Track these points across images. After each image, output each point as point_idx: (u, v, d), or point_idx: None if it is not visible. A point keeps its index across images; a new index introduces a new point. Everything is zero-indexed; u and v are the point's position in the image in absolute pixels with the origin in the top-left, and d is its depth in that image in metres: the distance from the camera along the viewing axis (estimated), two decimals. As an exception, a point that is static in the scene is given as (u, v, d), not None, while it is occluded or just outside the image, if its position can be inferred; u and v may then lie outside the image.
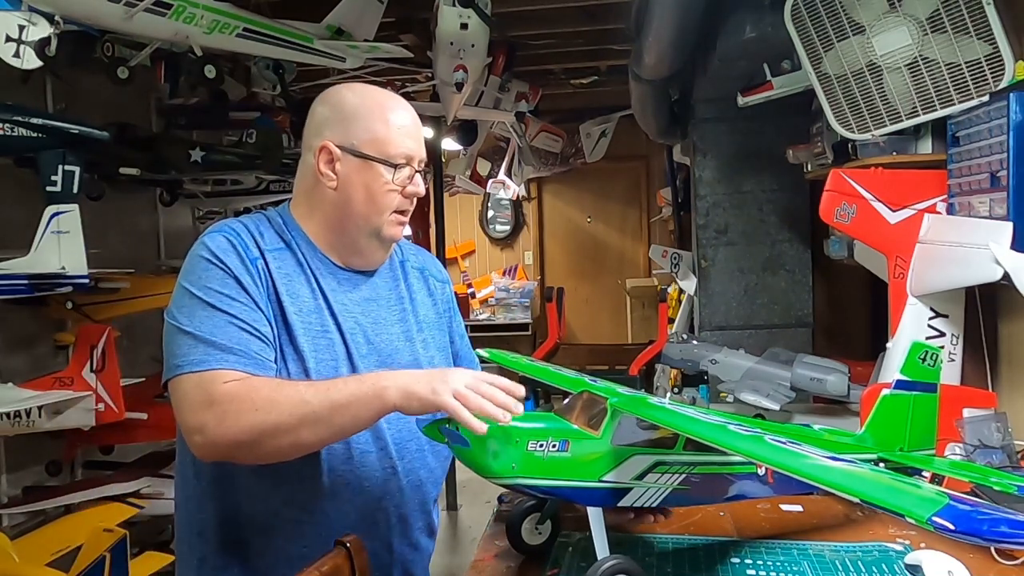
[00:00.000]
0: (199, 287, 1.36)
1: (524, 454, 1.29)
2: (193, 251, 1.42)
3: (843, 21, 2.38)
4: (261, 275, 1.40)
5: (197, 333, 1.32)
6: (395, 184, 1.45)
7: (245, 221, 1.47)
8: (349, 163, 1.44)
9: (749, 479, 1.46)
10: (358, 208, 1.45)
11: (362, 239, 1.48)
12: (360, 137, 1.44)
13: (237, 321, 1.33)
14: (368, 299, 1.51)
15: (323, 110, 1.49)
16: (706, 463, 1.40)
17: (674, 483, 1.37)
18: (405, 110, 1.49)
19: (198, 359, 1.30)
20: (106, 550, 2.47)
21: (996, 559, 1.42)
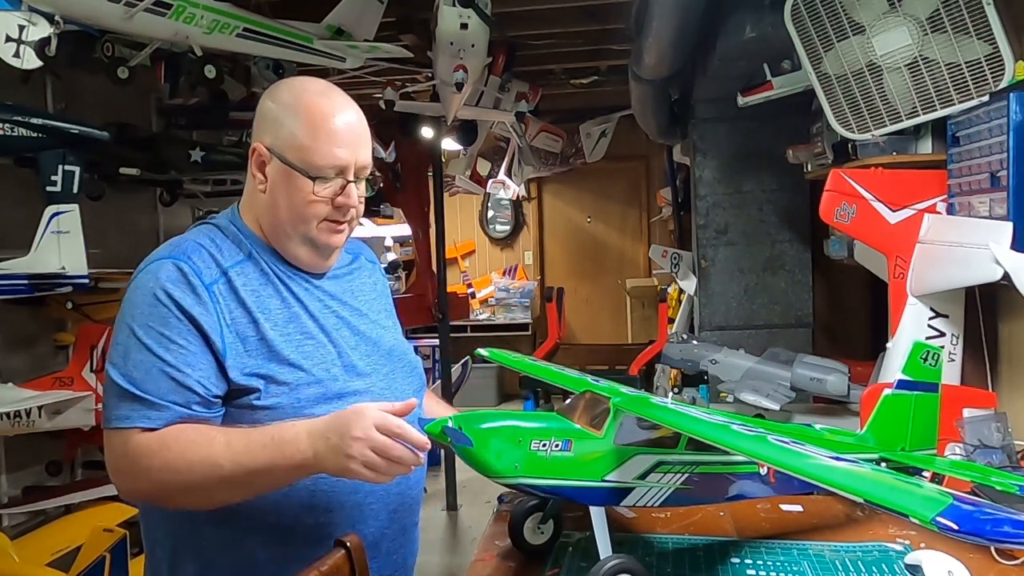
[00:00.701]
0: (140, 325, 1.28)
1: (527, 454, 1.29)
2: (140, 280, 1.32)
3: (843, 21, 2.38)
4: (221, 300, 1.32)
5: (126, 385, 1.26)
6: (318, 196, 1.35)
7: (199, 238, 1.38)
8: (275, 167, 1.36)
9: (751, 479, 1.46)
10: (283, 214, 1.38)
11: (295, 245, 1.40)
12: (286, 142, 1.35)
13: (170, 368, 1.26)
14: (339, 291, 1.47)
15: (262, 107, 1.40)
16: (708, 463, 1.40)
17: (676, 483, 1.37)
18: (342, 112, 1.37)
19: (123, 414, 1.26)
20: (106, 550, 2.47)
21: (996, 559, 1.42)
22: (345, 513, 1.38)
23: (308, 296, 1.41)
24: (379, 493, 1.41)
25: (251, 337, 1.32)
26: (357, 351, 1.43)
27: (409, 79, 4.86)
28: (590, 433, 1.34)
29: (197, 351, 1.28)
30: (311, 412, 1.31)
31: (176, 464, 1.23)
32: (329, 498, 1.36)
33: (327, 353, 1.38)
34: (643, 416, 1.35)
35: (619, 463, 1.33)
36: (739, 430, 1.33)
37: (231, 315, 1.32)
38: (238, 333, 1.31)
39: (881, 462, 1.58)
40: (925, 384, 1.67)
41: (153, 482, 1.25)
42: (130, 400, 1.26)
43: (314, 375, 1.35)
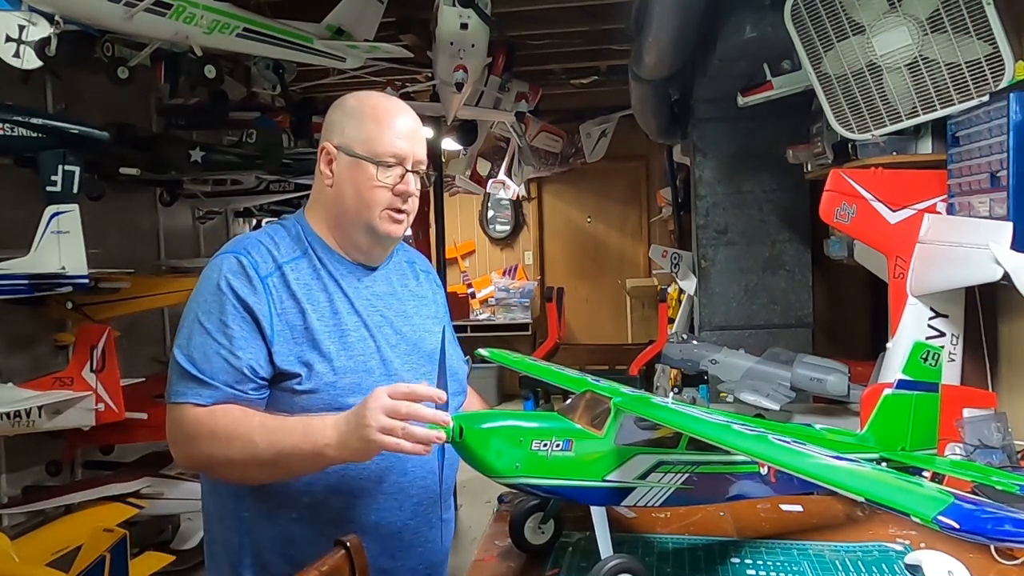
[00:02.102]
0: (203, 311, 1.44)
1: (528, 454, 1.29)
2: (206, 272, 1.48)
3: (843, 21, 2.38)
4: (274, 291, 1.45)
5: (186, 365, 1.41)
6: (381, 182, 1.49)
7: (261, 236, 1.53)
8: (342, 161, 1.51)
9: (752, 479, 1.46)
10: (349, 203, 1.51)
11: (358, 235, 1.53)
12: (353, 137, 1.50)
13: (224, 351, 1.40)
14: (388, 293, 1.58)
15: (331, 114, 1.56)
16: (709, 463, 1.40)
17: (677, 483, 1.37)
18: (403, 113, 1.55)
19: (181, 390, 1.41)
20: (106, 550, 2.47)
21: (996, 559, 1.42)
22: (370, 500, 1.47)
23: (356, 293, 1.52)
24: (403, 484, 1.49)
25: (298, 326, 1.45)
26: (396, 350, 1.52)
27: (409, 79, 4.87)
28: (591, 433, 1.34)
29: (250, 336, 1.42)
30: (346, 401, 1.39)
31: (219, 438, 1.37)
32: (355, 483, 1.45)
33: (367, 347, 1.48)
34: (644, 416, 1.35)
35: (620, 463, 1.33)
36: (740, 430, 1.33)
37: (282, 305, 1.45)
38: (287, 322, 1.44)
39: (882, 462, 1.58)
40: (925, 384, 1.67)
41: (200, 453, 1.40)
42: (188, 379, 1.40)
43: (352, 367, 1.45)
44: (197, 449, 1.41)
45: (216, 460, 1.40)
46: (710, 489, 1.44)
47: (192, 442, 1.41)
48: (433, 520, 1.56)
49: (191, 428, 1.40)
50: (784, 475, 1.46)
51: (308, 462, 1.35)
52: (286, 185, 4.80)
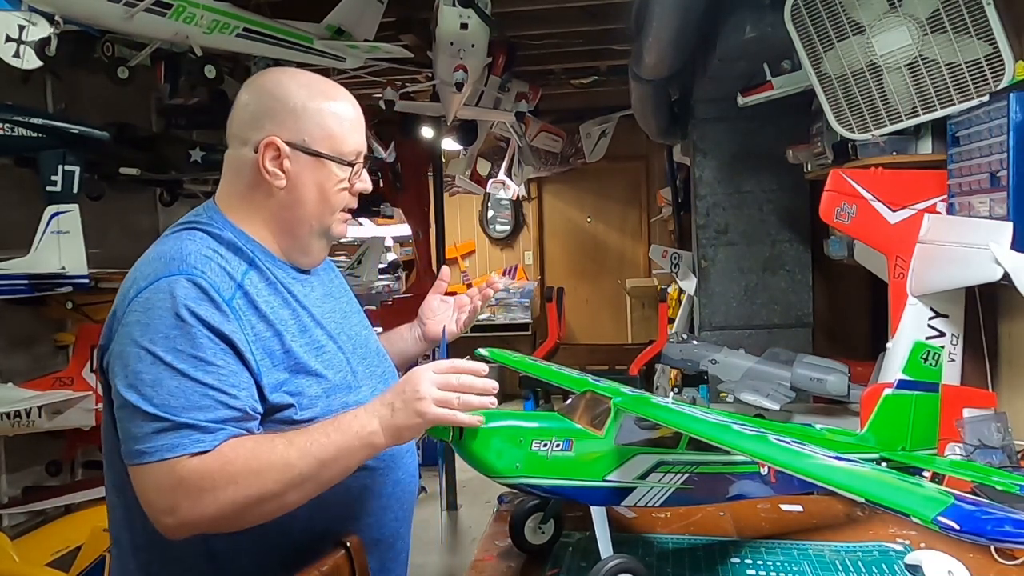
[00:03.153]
0: (166, 350, 1.16)
1: (528, 453, 1.29)
2: (151, 300, 1.20)
3: (843, 21, 2.38)
4: (243, 315, 1.24)
5: (166, 415, 1.15)
6: (349, 182, 1.38)
7: (200, 248, 1.28)
8: (300, 161, 1.33)
9: (752, 479, 1.47)
10: (309, 207, 1.36)
11: (312, 239, 1.39)
12: (312, 134, 1.33)
13: (215, 392, 1.17)
14: (327, 295, 1.45)
15: (260, 101, 1.35)
16: (709, 463, 1.40)
17: (677, 483, 1.38)
18: (350, 101, 1.41)
19: (169, 444, 1.14)
20: (106, 550, 2.47)
21: (996, 559, 1.42)
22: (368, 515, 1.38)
23: (309, 301, 1.37)
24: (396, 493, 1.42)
25: (276, 351, 1.27)
26: (355, 355, 1.41)
27: (409, 79, 4.86)
28: (591, 433, 1.34)
29: (237, 369, 1.21)
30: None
31: (244, 476, 1.16)
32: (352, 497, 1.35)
33: (339, 359, 1.37)
34: (644, 416, 1.35)
35: (620, 463, 1.34)
36: (740, 430, 1.33)
37: (254, 330, 1.25)
38: (264, 348, 1.25)
39: (882, 462, 1.58)
40: (925, 384, 1.67)
41: (220, 503, 1.15)
42: (172, 428, 1.15)
43: (335, 382, 1.33)
44: (215, 500, 1.15)
45: (246, 503, 1.16)
46: (710, 489, 1.44)
47: (206, 494, 1.15)
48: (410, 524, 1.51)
49: (199, 480, 1.14)
50: (784, 475, 1.46)
51: (356, 458, 1.21)
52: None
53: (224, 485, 1.15)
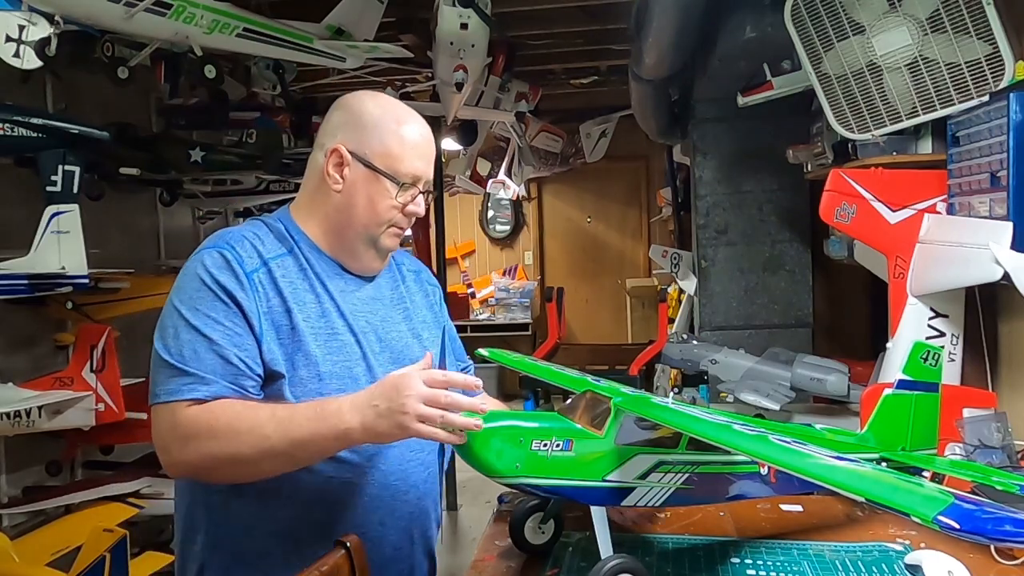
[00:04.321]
0: (188, 307, 1.35)
1: (528, 453, 1.29)
2: (188, 267, 1.41)
3: (843, 21, 2.38)
4: (260, 288, 1.38)
5: (175, 362, 1.32)
6: (397, 201, 1.46)
7: (244, 231, 1.46)
8: (357, 171, 1.45)
9: (752, 479, 1.47)
10: (358, 215, 1.46)
11: (359, 245, 1.49)
12: (373, 148, 1.45)
13: (217, 347, 1.33)
14: (374, 299, 1.52)
15: (341, 114, 1.50)
16: (709, 463, 1.40)
17: (677, 482, 1.38)
18: (422, 129, 1.51)
19: (173, 388, 1.32)
20: (106, 550, 2.47)
21: (996, 559, 1.42)
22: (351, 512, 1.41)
23: (342, 297, 1.47)
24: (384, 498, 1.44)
25: (284, 326, 1.39)
26: (379, 357, 1.47)
27: (409, 79, 4.86)
28: (591, 433, 1.34)
29: (242, 332, 1.35)
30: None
31: (225, 434, 1.28)
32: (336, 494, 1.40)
33: (352, 353, 1.44)
34: (644, 416, 1.35)
35: (620, 463, 1.34)
36: (740, 430, 1.33)
37: (268, 303, 1.38)
38: (272, 321, 1.38)
39: (882, 462, 1.58)
40: (925, 384, 1.67)
41: (201, 453, 1.30)
42: (179, 375, 1.31)
43: (337, 372, 1.40)
44: (197, 449, 1.30)
45: (221, 459, 1.29)
46: (710, 489, 1.44)
47: (191, 442, 1.30)
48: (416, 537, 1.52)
49: (189, 426, 1.30)
50: (784, 475, 1.45)
51: (330, 447, 1.30)
52: (286, 185, 4.80)
53: (206, 438, 1.29)
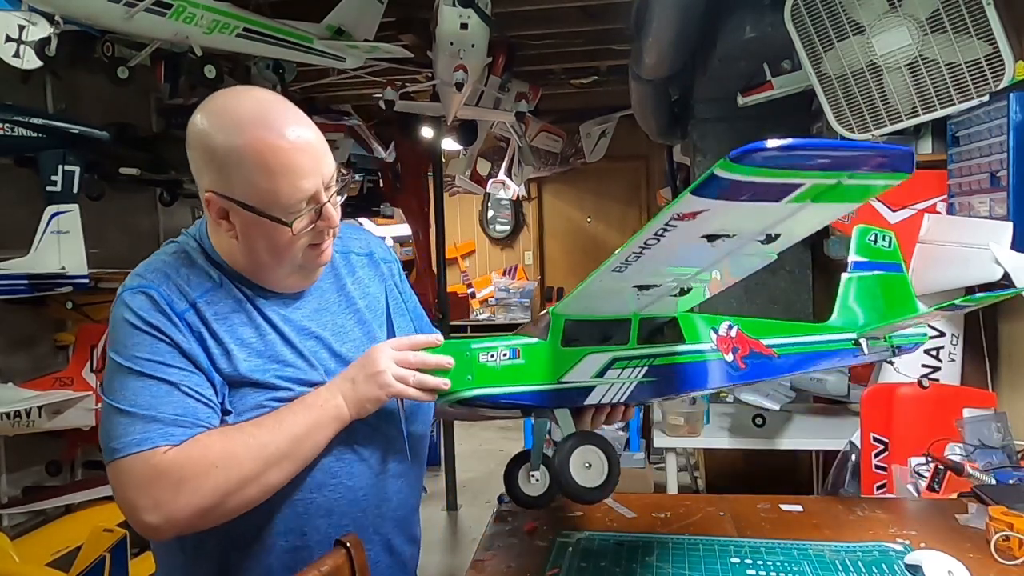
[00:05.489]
0: (127, 357, 1.22)
1: (477, 365, 1.31)
2: (115, 314, 1.27)
3: (843, 21, 2.38)
4: (194, 328, 1.26)
5: (133, 410, 1.19)
6: (296, 233, 1.26)
7: (166, 267, 1.31)
8: (240, 215, 1.26)
9: (718, 366, 1.42)
10: (265, 256, 1.30)
11: (283, 278, 1.34)
12: (243, 190, 1.23)
13: (176, 388, 1.22)
14: (318, 310, 1.39)
15: (194, 154, 1.27)
16: (666, 354, 1.37)
17: (637, 376, 1.35)
18: (292, 139, 1.23)
19: (139, 438, 1.18)
20: (106, 550, 2.47)
21: (996, 559, 1.42)
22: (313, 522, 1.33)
23: (285, 322, 1.34)
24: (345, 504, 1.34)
25: (226, 370, 1.27)
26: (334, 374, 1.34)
27: (409, 79, 4.86)
28: (534, 339, 1.34)
29: (192, 372, 1.24)
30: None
31: (224, 461, 1.18)
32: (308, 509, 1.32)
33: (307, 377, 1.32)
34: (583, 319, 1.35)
35: (572, 364, 1.33)
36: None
37: (205, 347, 1.26)
38: (214, 366, 1.26)
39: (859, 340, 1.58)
40: (885, 264, 1.68)
41: (202, 493, 1.17)
42: (143, 422, 1.18)
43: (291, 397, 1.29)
44: (197, 490, 1.16)
45: (229, 488, 1.18)
46: (675, 381, 1.39)
47: (187, 484, 1.16)
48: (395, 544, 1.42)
49: (179, 470, 1.16)
50: (753, 360, 1.44)
51: (328, 433, 1.26)
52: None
53: (205, 472, 1.17)
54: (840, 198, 0.96)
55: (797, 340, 1.50)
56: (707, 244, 1.05)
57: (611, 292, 1.26)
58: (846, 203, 1.00)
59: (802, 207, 0.96)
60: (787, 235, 1.07)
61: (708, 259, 1.14)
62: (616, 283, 1.21)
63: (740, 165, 0.86)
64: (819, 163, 0.87)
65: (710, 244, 1.05)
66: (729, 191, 0.91)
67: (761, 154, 0.84)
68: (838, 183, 0.91)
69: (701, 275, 1.21)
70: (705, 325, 1.41)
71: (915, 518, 1.66)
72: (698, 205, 0.94)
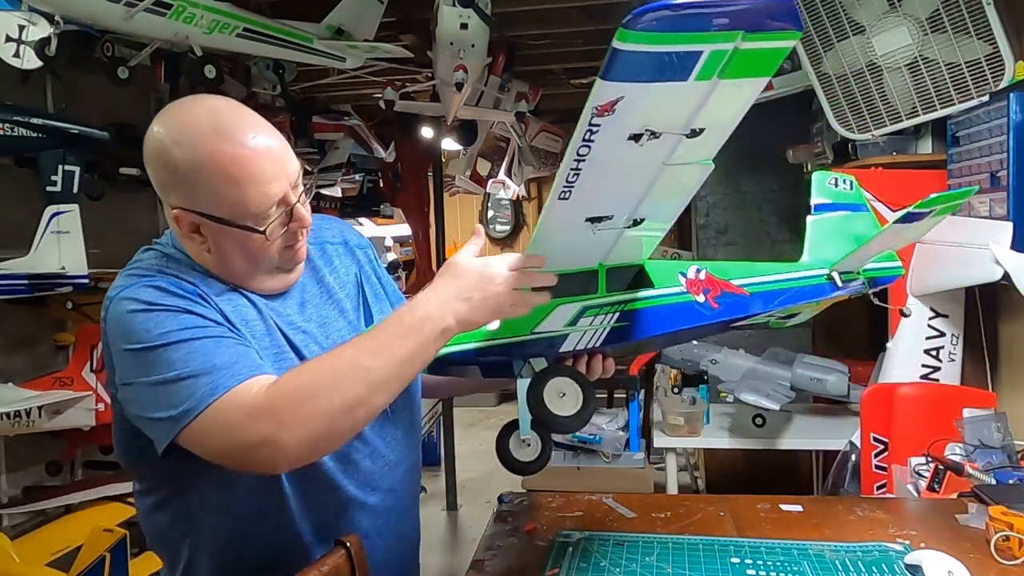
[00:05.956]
0: (154, 338, 1.15)
1: None
2: (118, 310, 1.20)
3: (843, 21, 2.38)
4: (211, 303, 1.23)
5: (189, 372, 1.12)
6: (272, 234, 1.26)
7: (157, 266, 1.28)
8: (211, 228, 1.24)
9: (689, 307, 1.42)
10: (240, 264, 1.28)
11: (262, 281, 1.32)
12: (210, 203, 1.22)
13: (223, 339, 1.17)
14: (302, 304, 1.38)
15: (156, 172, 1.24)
16: (635, 300, 1.39)
17: (609, 323, 1.37)
18: (249, 142, 1.21)
19: (212, 386, 1.11)
20: (106, 550, 2.47)
21: (996, 559, 1.42)
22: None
23: (274, 312, 1.33)
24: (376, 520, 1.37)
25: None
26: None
27: (409, 79, 4.86)
28: None
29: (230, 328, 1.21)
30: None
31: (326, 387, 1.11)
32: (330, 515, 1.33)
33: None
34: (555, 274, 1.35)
35: (544, 316, 1.34)
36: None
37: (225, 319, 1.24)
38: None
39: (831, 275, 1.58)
40: (848, 204, 1.70)
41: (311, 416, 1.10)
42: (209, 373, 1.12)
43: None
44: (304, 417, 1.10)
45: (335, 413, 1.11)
46: (647, 324, 1.40)
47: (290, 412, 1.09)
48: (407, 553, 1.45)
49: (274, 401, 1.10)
50: (726, 298, 1.45)
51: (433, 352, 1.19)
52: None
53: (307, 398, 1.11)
54: (745, 71, 0.96)
55: (768, 279, 1.51)
56: (635, 146, 1.04)
57: (569, 233, 1.24)
58: (753, 77, 1.00)
59: (712, 86, 0.97)
60: (711, 127, 1.08)
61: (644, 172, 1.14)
62: (569, 216, 1.21)
63: (634, 31, 0.87)
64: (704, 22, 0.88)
65: (638, 145, 1.04)
66: (634, 67, 0.91)
67: (648, 15, 0.86)
68: (735, 48, 0.91)
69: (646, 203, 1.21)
70: (673, 270, 1.42)
71: (915, 518, 1.66)
72: (612, 92, 0.94)
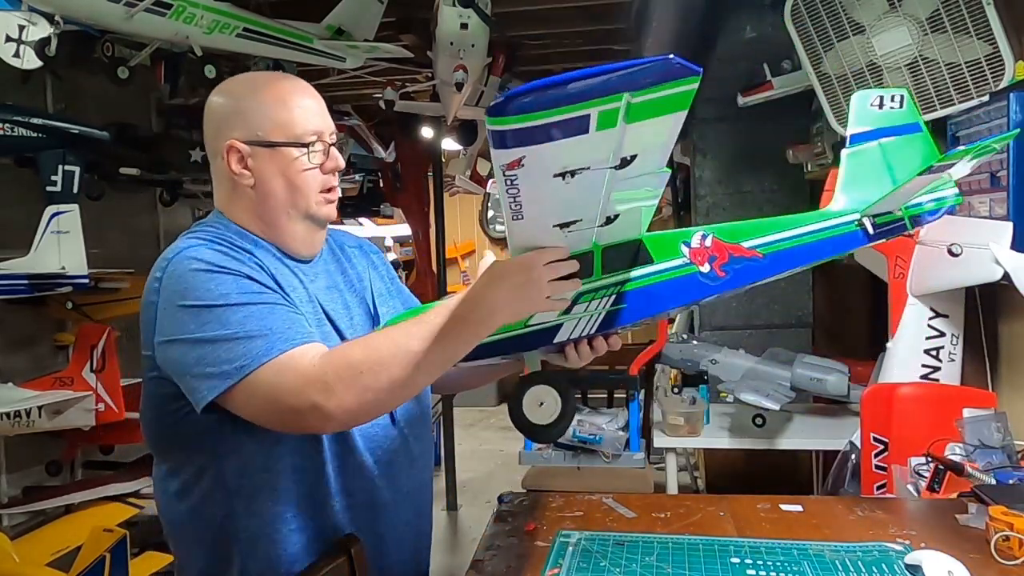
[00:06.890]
0: (215, 296, 1.23)
1: None
2: (178, 268, 1.27)
3: (843, 21, 2.38)
4: (266, 268, 1.32)
5: (245, 332, 1.19)
6: (311, 163, 1.39)
7: (212, 233, 1.37)
8: (260, 156, 1.37)
9: (692, 280, 1.33)
10: (282, 196, 1.39)
11: (297, 226, 1.42)
12: (263, 126, 1.37)
13: (276, 307, 1.24)
14: (329, 287, 1.46)
15: (216, 114, 1.41)
16: (633, 279, 1.30)
17: (605, 306, 1.29)
18: (301, 89, 1.42)
19: (267, 347, 1.18)
20: (106, 550, 2.47)
21: (996, 559, 1.42)
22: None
23: (316, 289, 1.42)
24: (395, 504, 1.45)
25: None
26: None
27: (409, 79, 4.86)
28: None
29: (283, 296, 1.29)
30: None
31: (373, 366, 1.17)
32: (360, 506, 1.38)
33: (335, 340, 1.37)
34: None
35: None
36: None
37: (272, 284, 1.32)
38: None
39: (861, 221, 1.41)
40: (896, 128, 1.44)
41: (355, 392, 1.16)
42: (263, 336, 1.19)
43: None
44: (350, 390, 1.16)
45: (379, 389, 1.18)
46: (647, 303, 1.31)
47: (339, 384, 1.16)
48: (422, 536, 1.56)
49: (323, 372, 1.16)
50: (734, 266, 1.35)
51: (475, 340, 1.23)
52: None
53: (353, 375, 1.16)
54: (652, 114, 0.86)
55: (785, 235, 1.39)
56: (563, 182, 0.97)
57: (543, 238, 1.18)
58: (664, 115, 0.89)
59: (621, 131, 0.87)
60: (642, 153, 0.98)
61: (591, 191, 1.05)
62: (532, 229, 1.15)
63: (504, 117, 0.79)
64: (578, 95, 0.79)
65: (565, 182, 0.97)
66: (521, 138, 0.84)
67: (514, 103, 0.78)
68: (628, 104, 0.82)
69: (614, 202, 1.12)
70: (675, 240, 1.32)
71: (915, 518, 1.66)
72: (509, 156, 0.88)
